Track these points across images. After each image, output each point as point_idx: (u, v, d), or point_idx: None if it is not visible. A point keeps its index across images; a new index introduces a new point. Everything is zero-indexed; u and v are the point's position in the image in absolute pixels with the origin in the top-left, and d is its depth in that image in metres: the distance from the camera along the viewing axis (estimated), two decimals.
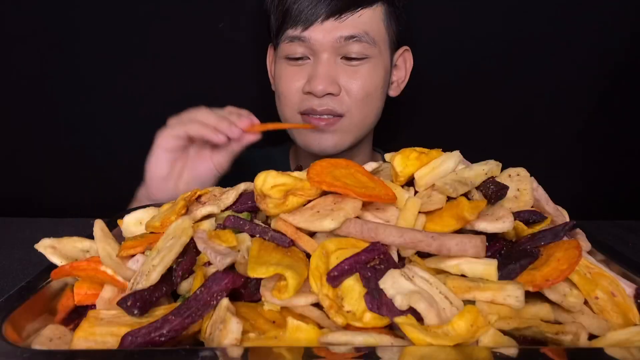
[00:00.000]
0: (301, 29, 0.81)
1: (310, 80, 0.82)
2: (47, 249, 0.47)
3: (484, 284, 0.38)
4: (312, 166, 0.47)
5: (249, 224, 0.45)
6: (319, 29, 0.81)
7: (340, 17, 0.80)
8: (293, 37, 0.83)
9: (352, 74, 0.83)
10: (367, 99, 0.85)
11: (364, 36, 0.81)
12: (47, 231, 0.53)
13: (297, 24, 0.82)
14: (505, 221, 0.43)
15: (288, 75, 0.86)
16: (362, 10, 0.82)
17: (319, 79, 0.81)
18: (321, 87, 0.81)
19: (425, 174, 0.49)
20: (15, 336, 0.37)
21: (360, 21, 0.82)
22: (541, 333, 0.36)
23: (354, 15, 0.81)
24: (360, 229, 0.42)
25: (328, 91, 0.82)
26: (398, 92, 0.96)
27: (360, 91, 0.84)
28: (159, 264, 0.40)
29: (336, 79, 0.83)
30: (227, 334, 0.34)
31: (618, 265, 0.47)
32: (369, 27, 0.83)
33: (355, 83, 0.83)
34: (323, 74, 0.81)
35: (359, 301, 0.38)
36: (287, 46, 0.84)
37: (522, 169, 0.52)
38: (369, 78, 0.84)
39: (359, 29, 0.81)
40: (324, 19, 0.80)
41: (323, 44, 0.81)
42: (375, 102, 0.88)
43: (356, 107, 0.85)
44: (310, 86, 0.82)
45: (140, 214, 0.54)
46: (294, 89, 0.85)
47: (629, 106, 1.19)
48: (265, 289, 0.39)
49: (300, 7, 0.81)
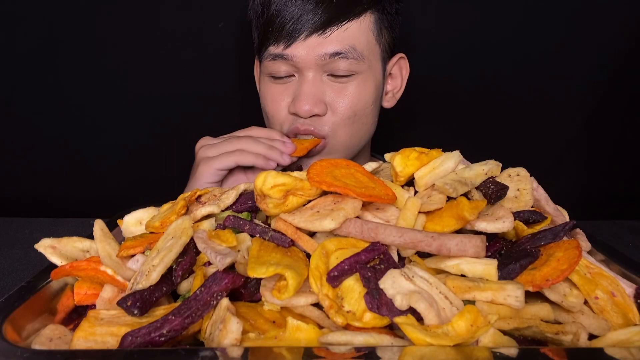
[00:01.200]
0: (283, 47, 0.76)
1: (295, 100, 0.78)
2: (47, 249, 0.47)
3: (484, 284, 0.38)
4: (312, 166, 0.47)
5: (249, 224, 0.45)
6: (302, 46, 0.75)
7: (325, 33, 0.75)
8: (275, 55, 0.77)
9: (339, 92, 0.78)
10: (354, 117, 0.80)
11: (350, 52, 0.76)
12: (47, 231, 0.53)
13: (279, 40, 0.76)
14: (505, 221, 0.43)
15: (274, 94, 0.81)
16: (348, 23, 0.76)
17: (304, 99, 0.76)
18: (306, 108, 0.76)
19: (425, 174, 0.49)
20: (15, 336, 0.37)
21: (346, 35, 0.76)
22: (541, 333, 0.36)
23: (339, 29, 0.75)
24: (360, 229, 0.42)
25: (314, 112, 0.77)
26: (393, 102, 0.91)
27: (347, 110, 0.79)
28: (159, 264, 0.40)
29: (322, 98, 0.78)
30: (227, 334, 0.34)
31: (618, 265, 0.47)
32: (356, 41, 0.77)
33: (342, 102, 0.78)
34: (308, 93, 0.77)
35: (359, 301, 0.37)
36: (270, 64, 0.79)
37: (522, 169, 0.52)
38: (357, 95, 0.79)
39: (345, 44, 0.76)
40: (307, 35, 0.75)
41: (307, 62, 0.76)
42: (365, 119, 0.82)
43: (342, 126, 0.80)
44: (295, 107, 0.77)
45: (140, 214, 0.54)
46: (279, 108, 0.81)
47: (629, 106, 1.19)
48: (265, 289, 0.39)
49: (282, 21, 0.76)
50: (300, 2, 0.75)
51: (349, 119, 0.80)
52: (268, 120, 0.86)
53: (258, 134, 0.77)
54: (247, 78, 0.96)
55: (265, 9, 0.78)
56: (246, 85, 0.97)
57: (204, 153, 0.76)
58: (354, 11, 0.76)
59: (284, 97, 0.80)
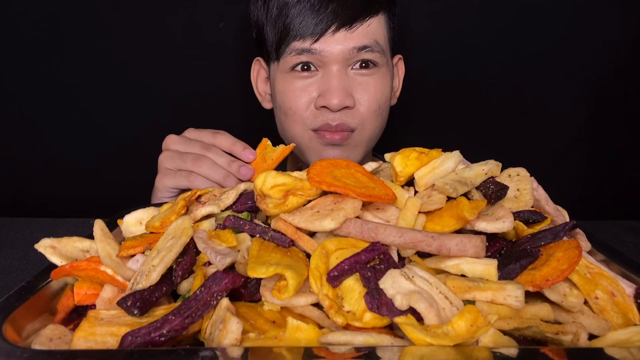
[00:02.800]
0: (311, 41, 0.78)
1: (325, 94, 0.79)
2: (47, 248, 0.47)
3: (484, 284, 0.38)
4: (312, 166, 0.47)
5: (249, 224, 0.45)
6: (330, 41, 0.78)
7: (351, 28, 0.78)
8: (302, 49, 0.79)
9: (364, 86, 0.81)
10: (378, 110, 0.83)
11: (375, 45, 0.80)
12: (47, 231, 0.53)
13: (304, 36, 0.78)
14: (505, 221, 0.43)
15: (297, 90, 0.81)
16: (370, 19, 0.80)
17: (334, 92, 0.78)
18: (337, 101, 0.77)
19: (425, 174, 0.49)
20: (15, 336, 0.37)
21: (370, 30, 0.79)
22: (541, 333, 0.36)
23: (363, 24, 0.79)
24: (360, 229, 0.42)
25: (345, 104, 0.78)
26: (395, 101, 0.95)
27: (373, 103, 0.82)
28: (159, 264, 0.40)
29: (350, 92, 0.80)
30: (227, 334, 0.34)
31: (618, 265, 0.47)
32: (378, 36, 0.81)
33: (368, 95, 0.81)
34: (337, 86, 0.78)
35: (359, 301, 0.37)
36: (293, 59, 0.80)
37: (522, 169, 0.52)
38: (380, 89, 0.82)
39: (370, 38, 0.79)
40: (335, 30, 0.77)
41: (335, 56, 0.78)
42: (385, 113, 0.86)
43: (369, 119, 0.82)
44: (325, 100, 0.78)
45: (140, 214, 0.54)
46: (303, 103, 0.81)
47: (629, 106, 1.19)
48: (265, 289, 0.39)
49: (306, 19, 0.78)
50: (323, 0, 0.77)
51: (374, 112, 0.83)
52: (289, 118, 0.84)
53: (223, 145, 0.73)
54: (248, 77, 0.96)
55: (284, 8, 0.80)
56: (247, 84, 0.97)
57: (163, 162, 0.75)
58: (373, 9, 0.80)
59: (309, 92, 0.81)
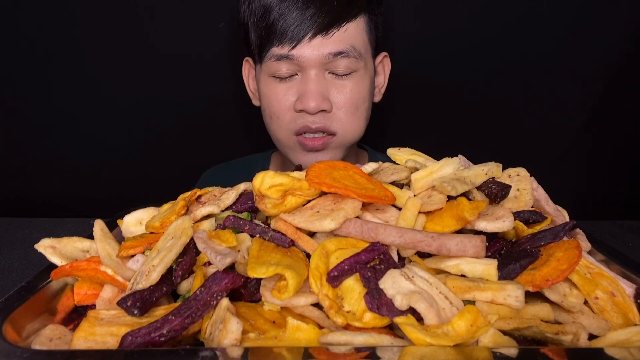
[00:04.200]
0: (288, 48, 0.79)
1: (302, 98, 0.81)
2: (47, 249, 0.47)
3: (484, 284, 0.38)
4: (311, 168, 0.47)
5: (249, 224, 0.45)
6: (306, 47, 0.79)
7: (328, 34, 0.79)
8: (280, 55, 0.80)
9: (340, 89, 0.83)
10: (356, 112, 0.85)
11: (351, 51, 0.81)
12: (47, 231, 0.53)
13: (283, 42, 0.80)
14: (505, 221, 0.43)
15: (278, 94, 0.84)
16: (347, 24, 0.80)
17: (310, 96, 0.80)
18: (314, 104, 0.80)
19: (422, 177, 0.49)
20: (15, 336, 0.37)
21: (346, 36, 0.81)
22: (541, 333, 0.36)
23: (339, 30, 0.80)
24: (360, 229, 0.42)
25: (321, 108, 0.81)
26: (380, 97, 0.96)
27: (350, 106, 0.83)
28: (159, 264, 0.40)
29: (327, 95, 0.82)
30: (227, 334, 0.34)
31: (618, 265, 0.47)
32: (355, 41, 0.82)
33: (345, 98, 0.83)
34: (314, 90, 0.80)
35: (359, 301, 0.37)
36: (273, 65, 0.82)
37: (522, 169, 0.52)
38: (357, 92, 0.84)
39: (346, 43, 0.80)
40: (311, 36, 0.79)
41: (311, 61, 0.80)
42: (364, 113, 0.87)
43: (348, 122, 0.84)
44: (302, 103, 0.81)
45: (140, 214, 0.54)
46: (284, 107, 0.84)
47: (629, 106, 1.19)
48: (265, 289, 0.39)
49: (286, 24, 0.79)
50: (302, 5, 0.79)
51: (352, 114, 0.85)
52: (273, 122, 0.87)
53: None
54: None
55: (266, 12, 0.81)
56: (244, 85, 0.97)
57: None
58: (351, 13, 0.81)
59: (288, 97, 0.84)
